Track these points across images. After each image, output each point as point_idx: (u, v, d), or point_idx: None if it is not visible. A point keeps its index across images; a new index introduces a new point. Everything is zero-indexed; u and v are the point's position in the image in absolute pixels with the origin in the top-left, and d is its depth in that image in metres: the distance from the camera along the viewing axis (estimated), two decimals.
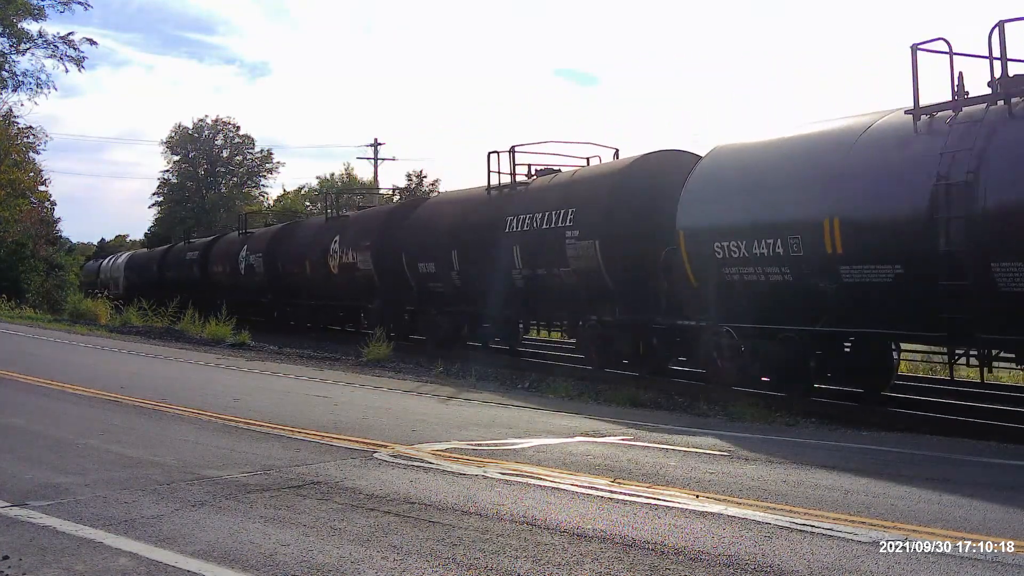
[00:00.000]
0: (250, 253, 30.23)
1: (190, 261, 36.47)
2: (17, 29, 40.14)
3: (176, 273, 37.70)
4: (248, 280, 30.35)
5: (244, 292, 30.68)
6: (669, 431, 9.58)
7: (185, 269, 36.69)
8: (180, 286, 34.99)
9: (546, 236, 16.21)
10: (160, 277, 39.33)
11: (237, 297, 30.38)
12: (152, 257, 43.97)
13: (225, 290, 31.61)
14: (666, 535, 5.28)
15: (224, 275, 32.38)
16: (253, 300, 30.10)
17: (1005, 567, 4.75)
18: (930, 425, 10.49)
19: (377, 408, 11.13)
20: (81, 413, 9.98)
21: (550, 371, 16.07)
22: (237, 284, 31.23)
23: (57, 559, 4.66)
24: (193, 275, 35.26)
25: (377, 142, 53.20)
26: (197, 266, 35.08)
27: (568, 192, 16.33)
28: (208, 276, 33.91)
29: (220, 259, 33.22)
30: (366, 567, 4.61)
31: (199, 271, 34.71)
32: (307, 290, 26.46)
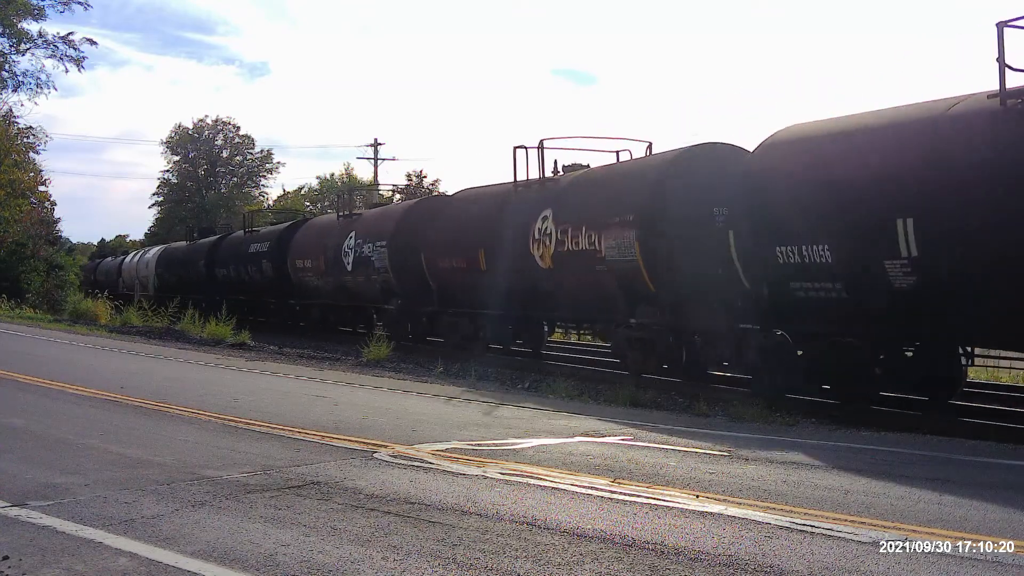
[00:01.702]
0: (365, 242, 22.17)
1: (256, 255, 29.06)
2: (17, 29, 40.17)
3: (234, 270, 30.94)
4: (365, 280, 22.33)
5: (360, 296, 23.10)
6: (669, 431, 9.58)
7: (247, 265, 29.71)
8: (239, 287, 30.26)
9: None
10: (210, 275, 32.93)
11: (341, 303, 24.09)
12: (197, 251, 36.09)
13: (322, 295, 25.00)
14: (666, 535, 5.28)
15: (316, 273, 24.91)
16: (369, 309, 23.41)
17: (1005, 567, 4.75)
18: (930, 425, 10.48)
19: (377, 408, 11.13)
20: (81, 413, 9.98)
21: (550, 371, 16.04)
22: (343, 286, 23.44)
23: (57, 559, 4.66)
24: (261, 273, 28.68)
25: (377, 142, 53.30)
26: (269, 261, 27.96)
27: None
28: (286, 275, 26.94)
29: (309, 251, 25.45)
30: (366, 567, 4.61)
31: (272, 268, 27.83)
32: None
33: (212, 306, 29.63)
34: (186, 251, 38.33)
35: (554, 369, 16.56)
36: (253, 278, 29.64)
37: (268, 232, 29.82)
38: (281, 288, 27.31)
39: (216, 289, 31.80)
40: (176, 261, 38.59)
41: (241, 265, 30.44)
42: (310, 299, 26.03)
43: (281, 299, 27.75)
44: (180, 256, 38.58)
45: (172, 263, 38.82)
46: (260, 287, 29.25)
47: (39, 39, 40.87)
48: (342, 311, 24.89)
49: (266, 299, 29.16)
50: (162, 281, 38.98)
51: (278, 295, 27.71)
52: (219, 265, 32.63)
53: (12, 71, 41.27)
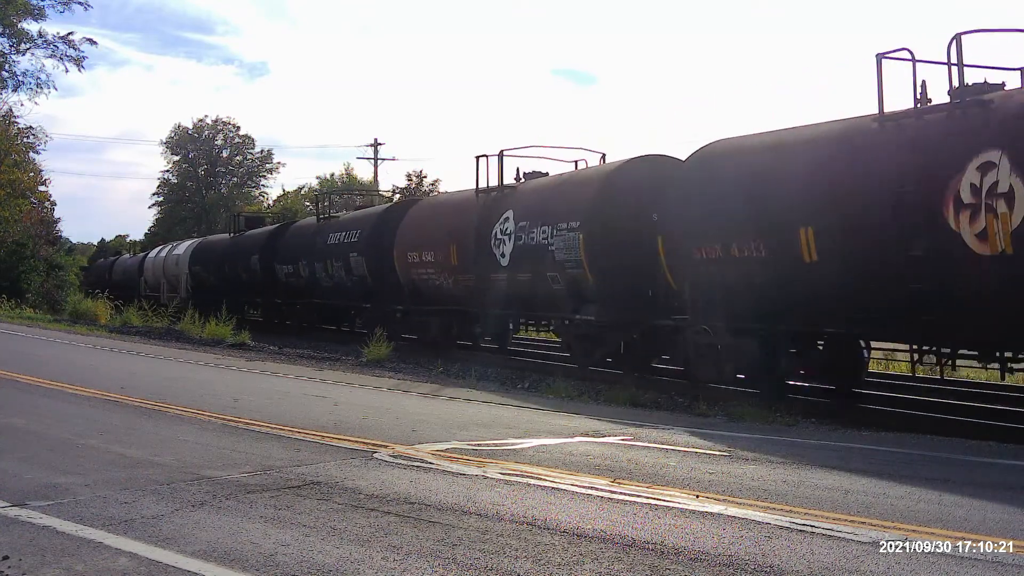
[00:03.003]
0: (536, 225, 16.09)
1: (339, 248, 23.00)
2: (17, 29, 40.16)
3: (306, 268, 24.84)
4: (534, 279, 16.18)
5: (522, 301, 17.09)
6: (669, 431, 9.58)
7: (326, 261, 23.55)
8: (312, 289, 24.83)
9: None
10: (267, 275, 27.28)
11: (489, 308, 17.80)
12: (246, 245, 29.72)
13: (448, 298, 19.18)
14: (666, 535, 5.28)
15: (441, 270, 18.86)
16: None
17: (1005, 567, 4.75)
18: (930, 425, 10.49)
19: (377, 408, 11.13)
20: (81, 413, 9.98)
21: (550, 371, 16.05)
22: (489, 286, 17.33)
23: (57, 559, 4.66)
24: (348, 271, 22.57)
25: (377, 142, 53.26)
26: (361, 255, 21.90)
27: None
28: (388, 274, 20.94)
29: (428, 240, 19.39)
30: (366, 567, 4.61)
31: (366, 264, 21.75)
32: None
33: (272, 313, 26.78)
34: (230, 245, 31.76)
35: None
36: (336, 278, 23.32)
37: (357, 218, 23.93)
38: (381, 291, 21.57)
39: (276, 291, 26.92)
40: (217, 257, 32.32)
41: (316, 261, 24.18)
42: (427, 304, 19.96)
43: (382, 305, 21.58)
44: (222, 251, 32.18)
45: (211, 260, 32.84)
46: (346, 290, 23.18)
47: (39, 39, 40.88)
48: (488, 320, 18.74)
49: (357, 305, 23.45)
50: (198, 281, 33.94)
51: (379, 300, 21.74)
52: (281, 261, 26.64)
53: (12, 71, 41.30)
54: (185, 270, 35.18)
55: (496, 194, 18.05)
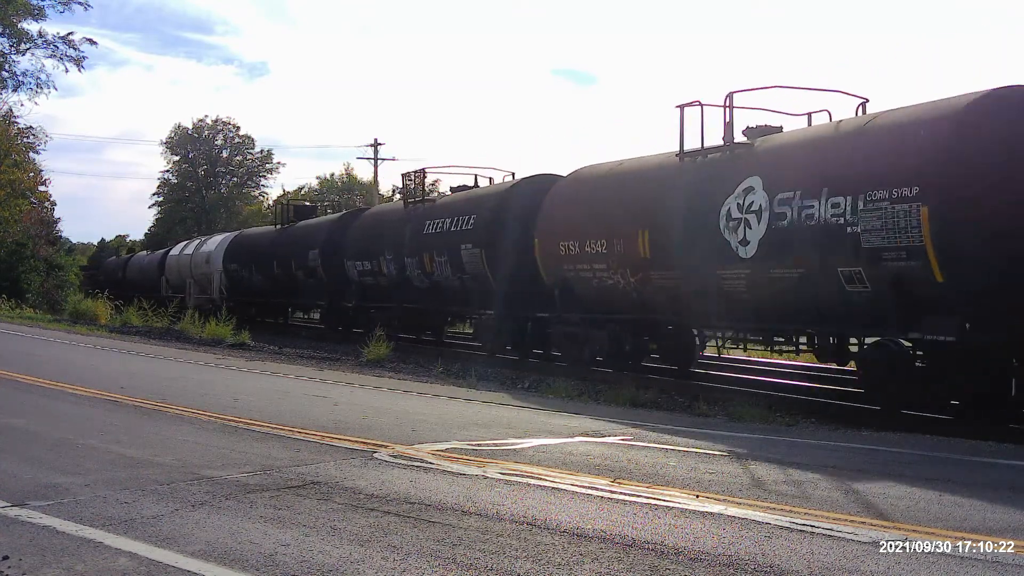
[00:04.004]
0: (810, 196, 10.99)
1: (443, 237, 18.88)
2: (17, 29, 40.19)
3: (393, 266, 20.74)
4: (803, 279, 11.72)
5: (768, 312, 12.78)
6: (669, 431, 9.58)
7: (422, 256, 19.57)
8: (403, 292, 20.67)
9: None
10: (334, 275, 23.34)
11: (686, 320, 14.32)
12: (301, 238, 25.42)
13: (621, 305, 14.85)
14: (666, 535, 5.28)
15: (612, 266, 14.57)
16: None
17: (1005, 567, 4.75)
18: (930, 425, 10.48)
19: (377, 408, 11.13)
20: (81, 413, 9.98)
21: (550, 371, 16.05)
22: (714, 289, 12.87)
23: (57, 559, 4.66)
24: (456, 269, 18.41)
25: (377, 142, 53.16)
26: (476, 247, 17.74)
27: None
28: (527, 272, 16.71)
29: (586, 226, 15.16)
30: (366, 567, 4.61)
31: (483, 259, 17.55)
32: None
33: (336, 318, 22.76)
34: (278, 239, 27.18)
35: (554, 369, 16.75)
36: (437, 277, 19.11)
37: (469, 199, 19.27)
38: (510, 293, 17.21)
39: (345, 293, 23.03)
40: (261, 253, 27.60)
41: (408, 256, 19.99)
42: (587, 311, 15.54)
43: (512, 310, 17.36)
44: (268, 246, 27.33)
45: (253, 256, 28.20)
46: (453, 291, 19.06)
47: (39, 39, 40.95)
48: (676, 338, 15.25)
49: (466, 311, 20.13)
50: (235, 281, 29.81)
51: (506, 304, 17.42)
52: (354, 256, 22.61)
53: (12, 71, 41.34)
54: (218, 268, 30.84)
55: (721, 156, 13.08)
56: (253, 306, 28.21)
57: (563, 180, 16.90)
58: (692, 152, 13.52)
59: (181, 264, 35.48)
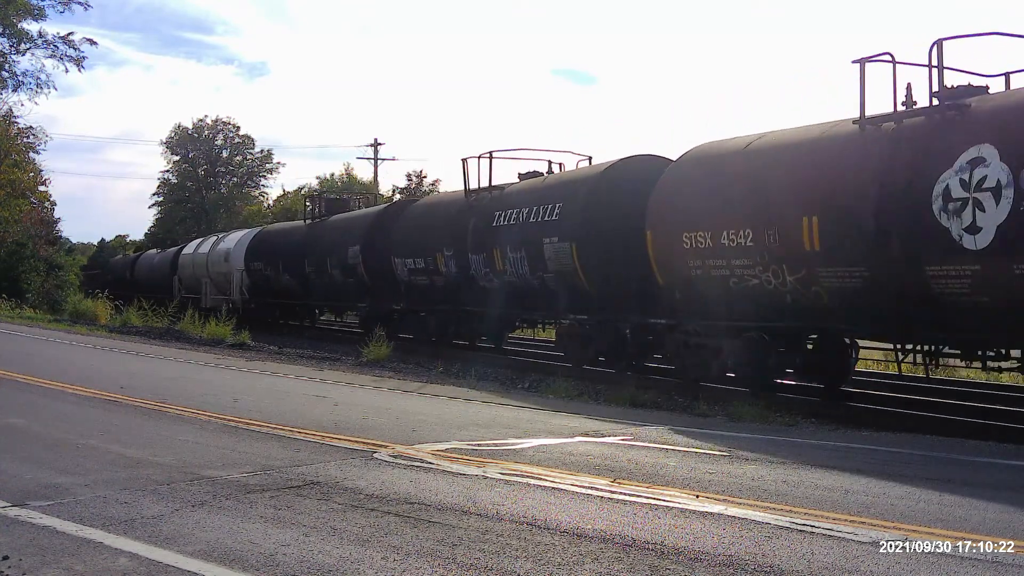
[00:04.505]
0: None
1: (511, 231, 16.36)
2: (17, 29, 40.13)
3: (449, 263, 18.37)
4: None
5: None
6: (669, 431, 9.57)
7: (484, 251, 17.09)
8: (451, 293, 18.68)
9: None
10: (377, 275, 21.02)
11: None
12: (335, 234, 23.23)
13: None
14: (666, 535, 5.28)
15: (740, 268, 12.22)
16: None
17: (1005, 567, 4.74)
18: (930, 425, 10.48)
19: (377, 408, 11.13)
20: (81, 413, 9.98)
21: (550, 371, 16.04)
22: (920, 289, 10.18)
23: (57, 559, 4.66)
24: (537, 265, 15.63)
25: (377, 142, 53.17)
26: (570, 241, 14.84)
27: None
28: (624, 272, 14.54)
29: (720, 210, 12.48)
30: (366, 567, 4.61)
31: (580, 255, 14.73)
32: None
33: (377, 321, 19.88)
34: (309, 234, 24.87)
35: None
36: (508, 276, 16.39)
37: (551, 185, 16.63)
38: (605, 294, 14.91)
39: (393, 295, 20.66)
40: (289, 251, 25.31)
41: (473, 253, 17.48)
42: (721, 317, 12.89)
43: (606, 313, 15.04)
44: (298, 243, 24.99)
45: (279, 254, 25.98)
46: (530, 291, 16.43)
47: (39, 39, 40.84)
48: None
49: (538, 314, 17.81)
50: (258, 281, 27.59)
51: (600, 306, 15.13)
52: (404, 253, 20.09)
53: (12, 71, 41.28)
54: (238, 267, 28.67)
55: (927, 121, 10.34)
56: (278, 308, 26.38)
57: (683, 160, 13.98)
58: (879, 118, 10.81)
59: (196, 263, 33.37)
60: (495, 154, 18.36)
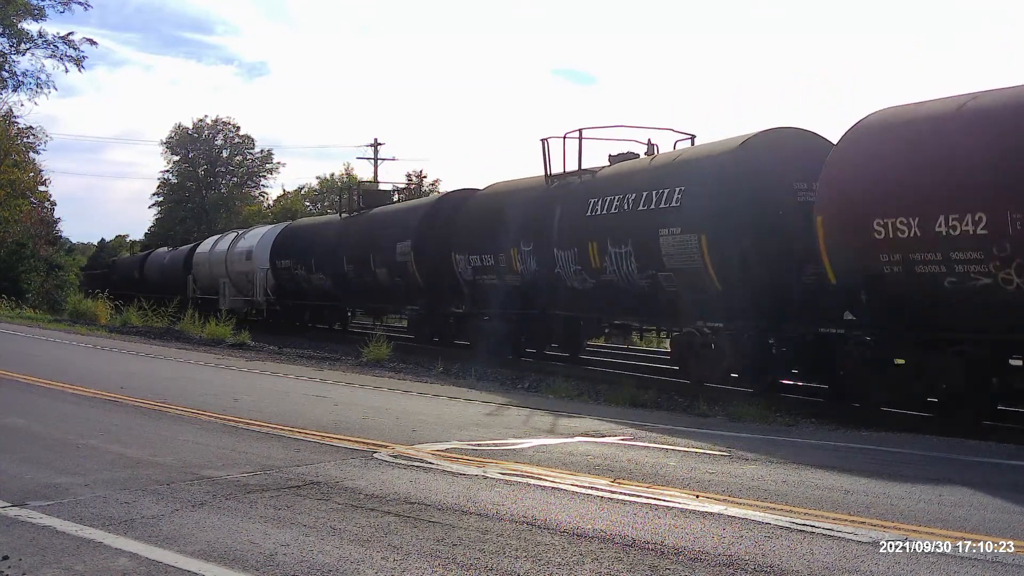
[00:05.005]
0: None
1: (611, 220, 14.08)
2: (17, 29, 40.14)
3: (525, 260, 16.25)
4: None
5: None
6: (669, 431, 9.57)
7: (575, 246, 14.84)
8: (528, 294, 16.49)
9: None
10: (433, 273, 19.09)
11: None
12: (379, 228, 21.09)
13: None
14: (666, 535, 5.28)
15: (967, 261, 9.65)
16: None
17: (1005, 567, 4.74)
18: (930, 425, 10.48)
19: (377, 408, 11.12)
20: (81, 413, 9.98)
21: (550, 371, 16.02)
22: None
23: (57, 559, 4.66)
24: (649, 263, 13.40)
25: (377, 142, 53.13)
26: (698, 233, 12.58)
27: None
28: (789, 268, 12.23)
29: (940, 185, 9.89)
30: (366, 567, 4.61)
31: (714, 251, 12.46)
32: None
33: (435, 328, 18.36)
34: (347, 230, 22.42)
35: (553, 369, 16.57)
36: (614, 276, 14.01)
37: (666, 166, 14.00)
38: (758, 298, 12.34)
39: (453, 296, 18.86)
40: (321, 248, 23.24)
41: (561, 248, 15.04)
42: (943, 328, 10.49)
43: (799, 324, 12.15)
44: (332, 239, 22.80)
45: (310, 252, 23.84)
46: (639, 295, 13.99)
47: (39, 39, 40.85)
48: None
49: (666, 322, 14.79)
50: (285, 281, 25.33)
51: (756, 313, 12.49)
52: (467, 249, 17.93)
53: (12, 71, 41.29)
54: (262, 266, 26.45)
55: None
56: (307, 310, 24.31)
57: (864, 129, 11.18)
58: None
59: (213, 261, 30.95)
60: (585, 132, 15.87)
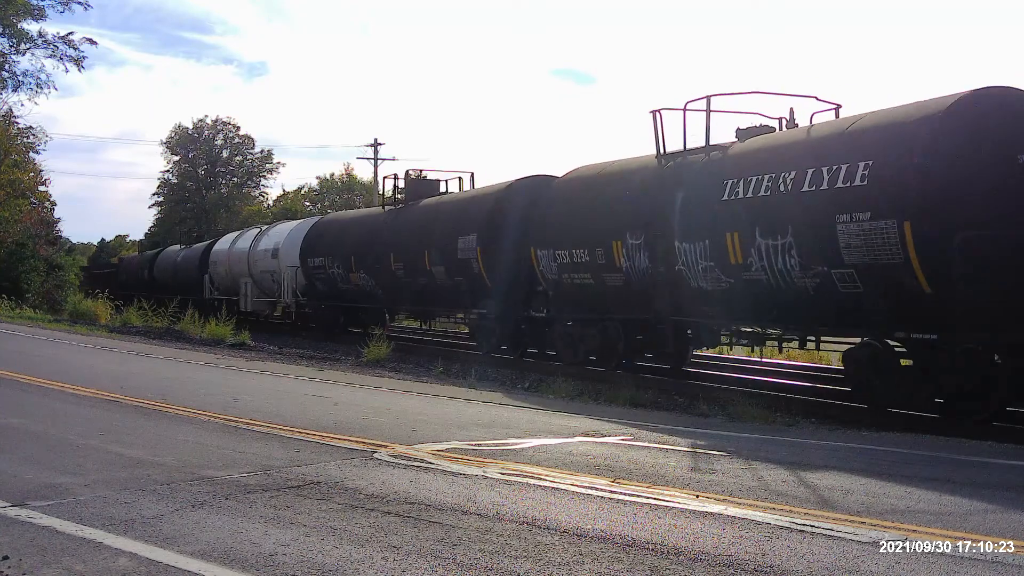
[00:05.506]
0: None
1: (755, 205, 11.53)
2: (17, 29, 40.16)
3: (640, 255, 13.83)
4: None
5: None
6: (669, 431, 9.57)
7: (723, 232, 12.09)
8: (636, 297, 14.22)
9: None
10: (507, 271, 17.01)
11: None
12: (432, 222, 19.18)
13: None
14: (666, 535, 5.28)
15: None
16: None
17: (1005, 567, 4.74)
18: (930, 425, 10.47)
19: (377, 408, 11.12)
20: (81, 413, 9.98)
21: (551, 371, 16.01)
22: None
23: (57, 559, 4.66)
24: (821, 261, 10.79)
25: (377, 142, 53.12)
26: (902, 221, 9.67)
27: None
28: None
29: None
30: (366, 567, 4.61)
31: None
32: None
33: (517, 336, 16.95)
34: (393, 224, 20.42)
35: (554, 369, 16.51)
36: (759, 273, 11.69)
37: (841, 136, 11.13)
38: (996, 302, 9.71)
39: (535, 299, 17.10)
40: (362, 244, 21.18)
41: (684, 240, 12.83)
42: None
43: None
44: (375, 234, 20.74)
45: (348, 248, 21.65)
46: (795, 299, 11.57)
47: (39, 39, 40.90)
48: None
49: (830, 331, 12.28)
50: (317, 281, 23.51)
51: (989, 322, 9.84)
52: (549, 243, 15.80)
53: (12, 71, 41.31)
54: (291, 264, 24.63)
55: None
56: (342, 312, 22.39)
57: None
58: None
59: (233, 260, 28.79)
60: (713, 98, 13.34)
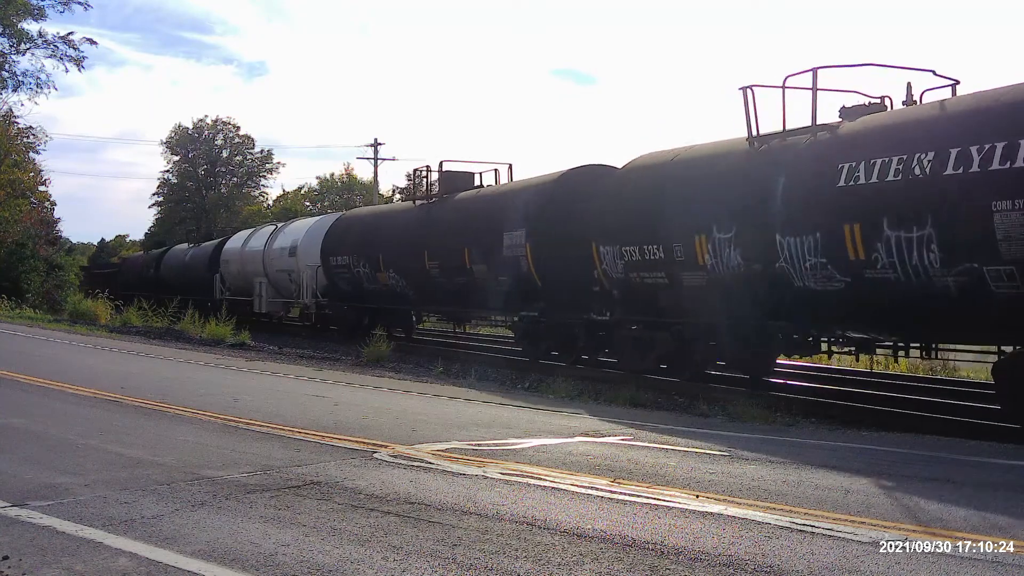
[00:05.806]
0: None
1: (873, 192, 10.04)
2: (17, 29, 40.18)
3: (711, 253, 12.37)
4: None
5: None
6: (669, 431, 9.57)
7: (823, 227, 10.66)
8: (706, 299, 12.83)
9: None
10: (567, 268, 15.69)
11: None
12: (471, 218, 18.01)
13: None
14: (666, 535, 5.28)
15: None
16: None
17: (1005, 567, 4.74)
18: (930, 425, 10.48)
19: (377, 408, 11.12)
20: (81, 413, 9.98)
21: (550, 371, 16.01)
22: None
23: (57, 559, 4.66)
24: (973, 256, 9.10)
25: (377, 142, 53.14)
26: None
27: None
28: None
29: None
30: (366, 567, 4.61)
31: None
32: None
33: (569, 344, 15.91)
34: (426, 219, 19.27)
35: (554, 369, 16.46)
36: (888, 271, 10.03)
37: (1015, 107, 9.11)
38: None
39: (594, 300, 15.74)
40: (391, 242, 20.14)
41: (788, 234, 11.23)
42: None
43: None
44: (405, 230, 19.75)
45: (375, 246, 20.58)
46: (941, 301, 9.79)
47: (39, 39, 40.93)
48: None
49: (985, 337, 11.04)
50: (340, 281, 22.46)
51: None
52: (611, 239, 14.36)
53: (12, 71, 41.33)
54: (310, 263, 23.46)
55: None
56: (367, 314, 21.27)
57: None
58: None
59: (247, 259, 27.45)
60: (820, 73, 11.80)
